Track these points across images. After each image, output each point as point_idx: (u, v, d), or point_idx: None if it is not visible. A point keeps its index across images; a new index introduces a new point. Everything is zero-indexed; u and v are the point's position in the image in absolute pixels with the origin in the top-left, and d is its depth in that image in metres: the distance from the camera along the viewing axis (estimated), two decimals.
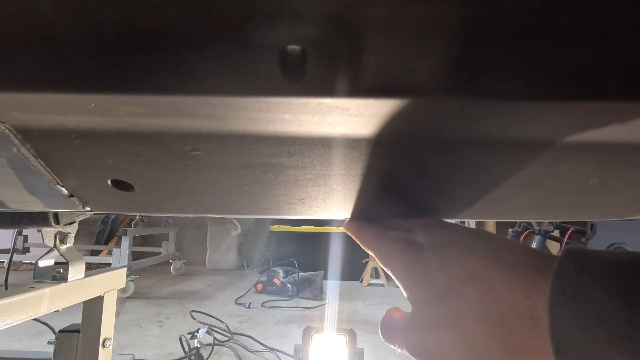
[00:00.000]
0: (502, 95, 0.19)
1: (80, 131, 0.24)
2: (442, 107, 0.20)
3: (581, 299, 0.18)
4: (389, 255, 0.29)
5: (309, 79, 0.18)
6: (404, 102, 0.19)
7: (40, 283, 0.72)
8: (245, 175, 0.30)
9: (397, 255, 0.28)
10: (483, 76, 0.19)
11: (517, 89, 0.19)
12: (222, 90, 0.19)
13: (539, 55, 0.18)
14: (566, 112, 0.20)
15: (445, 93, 0.19)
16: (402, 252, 0.27)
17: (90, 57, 0.19)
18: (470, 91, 0.19)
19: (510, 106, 0.20)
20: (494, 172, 0.28)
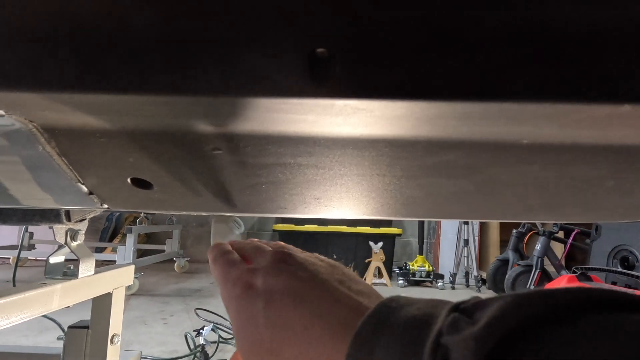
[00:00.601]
0: (524, 97, 0.19)
1: (106, 130, 0.25)
2: (464, 110, 0.20)
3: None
4: (228, 300, 0.28)
5: (336, 81, 0.18)
6: (427, 104, 0.20)
7: (52, 279, 0.73)
8: (263, 175, 0.30)
9: (234, 304, 0.27)
10: (505, 78, 0.19)
11: (538, 91, 0.19)
12: (249, 92, 0.19)
13: (559, 56, 0.18)
14: (586, 114, 0.20)
15: (468, 96, 0.19)
16: (238, 300, 0.26)
17: (120, 59, 0.19)
18: (492, 93, 0.19)
19: (531, 108, 0.20)
20: (510, 173, 0.29)
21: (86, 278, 0.77)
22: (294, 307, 0.23)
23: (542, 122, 0.21)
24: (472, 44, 0.18)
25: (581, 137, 0.23)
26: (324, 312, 0.22)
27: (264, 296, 0.25)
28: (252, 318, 0.25)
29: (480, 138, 0.24)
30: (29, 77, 0.19)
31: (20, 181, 0.34)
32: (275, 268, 0.27)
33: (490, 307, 0.16)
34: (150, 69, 0.20)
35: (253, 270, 0.28)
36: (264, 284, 0.26)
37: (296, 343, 0.22)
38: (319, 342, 0.21)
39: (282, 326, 0.23)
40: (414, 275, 3.04)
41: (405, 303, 0.20)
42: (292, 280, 0.25)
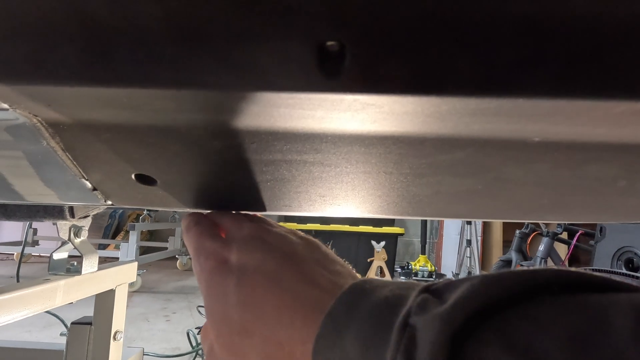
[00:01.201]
0: (539, 93, 0.18)
1: (110, 125, 0.24)
2: (477, 106, 0.19)
3: (337, 346, 0.17)
4: (200, 273, 0.27)
5: (346, 75, 0.18)
6: (439, 100, 0.19)
7: (55, 275, 0.73)
8: (268, 172, 0.30)
9: (205, 277, 0.26)
10: (520, 73, 0.18)
11: (554, 87, 0.19)
12: (257, 85, 0.19)
13: (575, 51, 0.18)
14: (602, 111, 0.20)
15: (482, 91, 0.19)
16: (209, 274, 0.26)
17: (126, 52, 0.19)
18: (507, 89, 0.19)
19: (546, 104, 0.19)
20: (520, 172, 0.28)
21: (89, 274, 0.77)
22: (267, 286, 0.23)
23: (556, 119, 0.20)
24: (487, 38, 0.17)
25: (595, 135, 0.22)
26: (296, 293, 0.22)
27: (237, 273, 0.24)
28: (223, 295, 0.24)
29: (491, 135, 0.24)
30: (33, 70, 0.19)
31: (24, 176, 0.34)
32: (251, 244, 0.26)
33: (458, 288, 0.16)
34: (156, 62, 0.19)
35: (227, 244, 0.27)
36: (237, 260, 0.25)
37: (266, 324, 0.22)
38: (290, 323, 0.21)
39: (253, 305, 0.23)
40: (416, 275, 3.03)
41: (378, 285, 0.20)
42: (267, 258, 0.24)
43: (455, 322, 0.14)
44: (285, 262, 0.24)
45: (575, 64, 0.17)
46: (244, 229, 0.28)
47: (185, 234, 0.31)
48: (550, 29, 0.17)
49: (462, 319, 0.14)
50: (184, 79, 0.19)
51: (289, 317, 0.21)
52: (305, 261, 0.24)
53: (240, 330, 0.23)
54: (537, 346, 0.13)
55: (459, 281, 0.17)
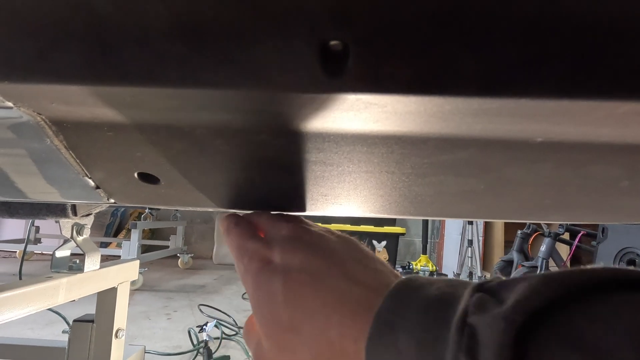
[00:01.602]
0: (543, 93, 0.18)
1: (114, 124, 0.24)
2: (479, 106, 0.19)
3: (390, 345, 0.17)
4: (245, 274, 0.27)
5: (349, 75, 0.18)
6: (442, 100, 0.19)
7: (57, 273, 0.74)
8: (270, 170, 0.30)
9: (251, 278, 0.26)
10: (522, 74, 0.18)
11: (557, 87, 0.19)
12: (259, 84, 0.19)
13: (579, 51, 0.18)
14: (606, 111, 0.20)
15: (485, 92, 0.19)
16: (255, 274, 0.26)
17: (132, 51, 0.19)
18: (509, 90, 0.19)
19: (549, 105, 0.19)
20: (522, 172, 0.28)
21: (91, 272, 0.78)
22: (312, 286, 0.23)
23: (559, 119, 0.20)
24: (490, 37, 0.17)
25: (598, 136, 0.22)
26: (342, 292, 0.22)
27: (282, 274, 0.25)
28: (270, 294, 0.25)
29: (493, 136, 0.24)
30: (37, 68, 0.19)
31: (27, 174, 0.34)
32: (292, 244, 0.26)
33: (516, 287, 0.16)
34: (160, 61, 0.19)
35: (269, 245, 0.27)
36: (281, 260, 0.26)
37: (315, 322, 0.22)
38: (339, 321, 0.21)
39: (301, 305, 0.23)
40: None
41: (424, 282, 0.20)
42: (309, 257, 0.25)
43: (518, 322, 0.14)
44: (328, 261, 0.25)
45: (579, 64, 0.17)
46: (283, 229, 0.28)
47: (226, 235, 0.32)
48: (553, 29, 0.17)
49: (525, 318, 0.14)
50: (188, 78, 0.19)
51: (338, 316, 0.21)
52: (346, 260, 0.25)
53: (290, 328, 0.23)
54: (604, 344, 0.13)
55: (514, 280, 0.17)
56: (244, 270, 0.28)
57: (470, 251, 3.10)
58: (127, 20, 0.18)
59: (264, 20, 0.17)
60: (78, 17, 0.17)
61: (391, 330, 0.18)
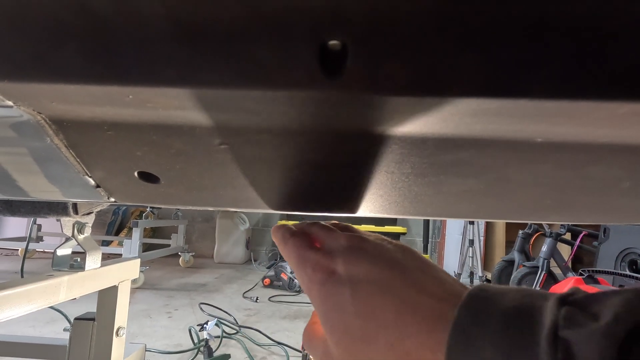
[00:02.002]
0: (542, 94, 0.18)
1: (114, 123, 0.25)
2: (479, 107, 0.19)
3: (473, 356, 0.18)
4: (309, 285, 0.28)
5: (348, 75, 0.18)
6: (441, 101, 0.19)
7: (59, 271, 0.74)
8: (270, 170, 0.30)
9: (317, 288, 0.27)
10: (524, 74, 0.18)
11: (557, 88, 0.19)
12: (259, 84, 0.19)
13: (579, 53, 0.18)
14: (607, 112, 0.20)
15: (485, 93, 0.18)
16: (321, 285, 0.26)
17: (131, 51, 0.19)
18: (509, 90, 0.19)
19: (548, 105, 0.19)
20: (522, 173, 0.28)
21: (92, 271, 0.78)
22: (381, 296, 0.24)
23: (559, 120, 0.20)
24: (490, 39, 0.17)
25: (598, 136, 0.22)
26: (414, 302, 0.23)
27: (349, 284, 0.25)
28: (338, 305, 0.25)
29: (493, 136, 0.24)
30: (37, 67, 0.19)
31: (28, 173, 0.34)
32: (354, 255, 0.27)
33: (609, 301, 0.16)
34: (160, 60, 0.19)
35: (330, 255, 0.28)
36: (345, 271, 0.26)
37: (390, 333, 0.22)
38: (415, 332, 0.21)
39: (372, 315, 0.23)
40: None
41: (496, 292, 0.20)
42: (375, 268, 0.25)
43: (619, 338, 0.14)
44: (393, 271, 0.25)
45: (578, 66, 0.17)
46: (341, 240, 0.28)
47: (282, 245, 0.32)
48: (553, 30, 0.17)
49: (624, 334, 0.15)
50: (187, 77, 0.19)
51: (413, 327, 0.22)
52: (411, 269, 0.25)
53: (363, 338, 0.23)
54: None
55: (605, 294, 0.17)
56: (307, 280, 0.28)
57: (471, 251, 3.10)
58: (126, 20, 0.18)
59: (263, 19, 0.17)
60: (77, 17, 0.17)
61: (472, 341, 0.18)
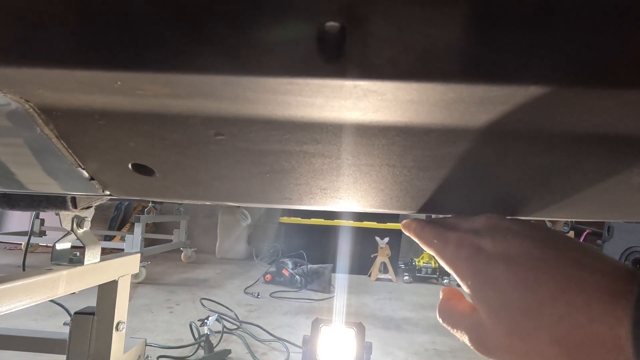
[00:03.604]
0: (549, 80, 0.17)
1: (105, 112, 0.24)
2: (485, 94, 0.18)
3: None
4: (454, 259, 0.28)
5: (347, 60, 0.17)
6: (445, 87, 0.18)
7: (58, 265, 0.73)
8: (268, 163, 0.29)
9: (465, 262, 0.27)
10: (529, 59, 0.17)
11: (566, 74, 0.18)
12: (254, 70, 0.18)
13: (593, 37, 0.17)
14: (616, 100, 0.19)
15: (488, 79, 0.17)
16: (469, 259, 0.27)
17: (118, 34, 0.18)
18: (516, 76, 0.18)
19: (557, 93, 0.18)
20: (530, 165, 0.27)
21: (92, 265, 0.78)
22: (542, 270, 0.24)
23: (569, 108, 0.19)
24: (496, 22, 0.16)
25: (612, 127, 0.21)
26: (577, 278, 0.22)
27: (502, 259, 0.25)
28: (492, 280, 0.25)
29: (499, 126, 0.23)
30: (20, 51, 0.18)
31: (22, 164, 0.34)
32: (501, 232, 0.27)
33: None
34: (148, 45, 0.18)
35: (473, 234, 0.28)
36: (495, 246, 0.26)
37: (557, 307, 0.22)
38: (584, 306, 0.21)
39: (533, 289, 0.23)
40: (419, 272, 3.02)
41: None
42: (527, 244, 0.25)
43: None
44: (546, 248, 0.25)
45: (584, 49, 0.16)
46: (481, 220, 0.29)
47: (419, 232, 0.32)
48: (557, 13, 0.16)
49: None
50: (178, 63, 0.18)
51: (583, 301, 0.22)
52: (565, 247, 0.25)
53: (525, 310, 0.23)
54: None
55: None
56: (452, 257, 0.28)
57: None
58: (112, 3, 0.17)
59: (256, 3, 0.16)
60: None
61: None
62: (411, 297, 2.48)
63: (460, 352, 1.53)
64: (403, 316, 2.03)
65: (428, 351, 1.54)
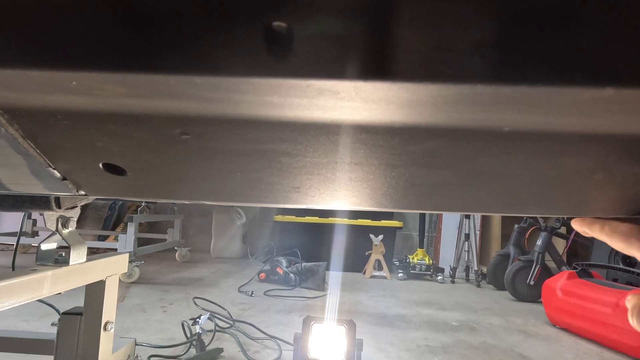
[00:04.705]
0: (505, 79, 0.17)
1: (66, 112, 0.24)
2: (440, 93, 0.19)
3: None
4: None
5: (296, 59, 0.17)
6: (394, 86, 0.18)
7: (43, 266, 0.73)
8: (237, 162, 0.29)
9: None
10: (487, 59, 0.17)
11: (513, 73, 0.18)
12: (204, 69, 0.18)
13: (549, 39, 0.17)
14: (573, 98, 0.19)
15: (444, 77, 0.18)
16: None
17: (70, 34, 0.18)
18: (471, 75, 0.18)
19: (507, 92, 0.19)
20: (494, 164, 0.27)
21: (77, 265, 0.77)
22: None
23: (521, 107, 0.19)
24: (444, 17, 0.16)
25: (565, 125, 0.21)
26: None
27: None
28: None
29: (460, 125, 0.23)
30: None
31: None
32: None
33: None
34: (100, 45, 0.18)
35: None
36: None
37: None
38: None
39: None
40: (414, 269, 3.04)
41: None
42: None
43: None
44: None
45: (537, 48, 0.16)
46: None
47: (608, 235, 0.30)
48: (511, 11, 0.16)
49: None
50: (130, 63, 0.18)
51: None
52: None
53: None
54: None
55: None
56: None
57: (467, 245, 3.11)
58: (63, 2, 0.17)
59: (204, 3, 0.16)
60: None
61: None
62: (405, 294, 2.49)
63: (452, 348, 1.54)
64: (396, 313, 2.04)
65: (420, 347, 1.55)
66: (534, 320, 2.01)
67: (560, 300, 1.84)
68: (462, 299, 2.44)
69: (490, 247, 3.45)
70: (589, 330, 1.70)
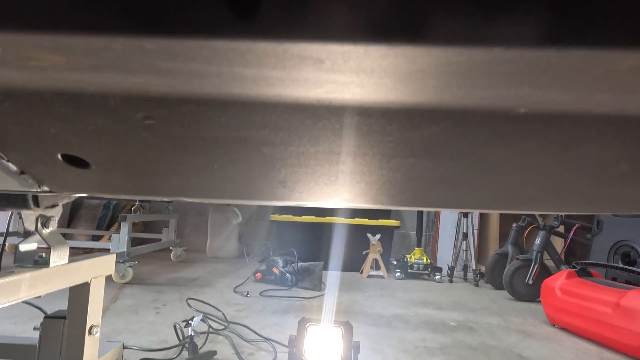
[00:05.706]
0: (528, 41, 0.14)
1: (4, 90, 0.20)
2: (446, 59, 0.15)
3: None
4: None
5: (265, 15, 0.13)
6: (394, 52, 0.15)
7: (21, 267, 0.69)
8: (211, 152, 0.25)
9: None
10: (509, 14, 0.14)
11: (539, 34, 0.14)
12: (154, 29, 0.14)
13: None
14: (611, 67, 0.16)
15: (452, 38, 0.14)
16: None
17: None
18: (488, 35, 0.14)
19: (529, 57, 0.15)
20: (503, 154, 0.24)
21: (59, 267, 0.73)
22: None
23: (544, 79, 0.16)
24: None
25: (594, 104, 0.18)
26: None
27: None
28: None
29: (467, 105, 0.19)
30: None
31: None
32: None
33: None
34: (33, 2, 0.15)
35: None
36: None
37: None
38: None
39: None
40: (411, 268, 3.01)
41: None
42: None
43: None
44: None
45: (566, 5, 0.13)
46: None
47: None
48: None
49: None
50: (59, 20, 0.14)
51: None
52: None
53: None
54: None
55: None
56: None
57: (465, 244, 3.08)
58: None
59: None
60: None
61: None
62: (402, 293, 2.46)
63: (450, 349, 1.51)
64: (393, 313, 2.01)
65: (418, 348, 1.52)
66: (533, 320, 1.99)
67: (559, 299, 1.82)
68: (460, 298, 2.41)
69: (488, 246, 3.43)
70: (588, 330, 1.68)
